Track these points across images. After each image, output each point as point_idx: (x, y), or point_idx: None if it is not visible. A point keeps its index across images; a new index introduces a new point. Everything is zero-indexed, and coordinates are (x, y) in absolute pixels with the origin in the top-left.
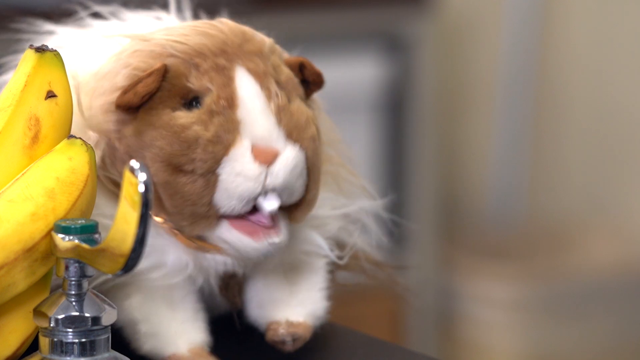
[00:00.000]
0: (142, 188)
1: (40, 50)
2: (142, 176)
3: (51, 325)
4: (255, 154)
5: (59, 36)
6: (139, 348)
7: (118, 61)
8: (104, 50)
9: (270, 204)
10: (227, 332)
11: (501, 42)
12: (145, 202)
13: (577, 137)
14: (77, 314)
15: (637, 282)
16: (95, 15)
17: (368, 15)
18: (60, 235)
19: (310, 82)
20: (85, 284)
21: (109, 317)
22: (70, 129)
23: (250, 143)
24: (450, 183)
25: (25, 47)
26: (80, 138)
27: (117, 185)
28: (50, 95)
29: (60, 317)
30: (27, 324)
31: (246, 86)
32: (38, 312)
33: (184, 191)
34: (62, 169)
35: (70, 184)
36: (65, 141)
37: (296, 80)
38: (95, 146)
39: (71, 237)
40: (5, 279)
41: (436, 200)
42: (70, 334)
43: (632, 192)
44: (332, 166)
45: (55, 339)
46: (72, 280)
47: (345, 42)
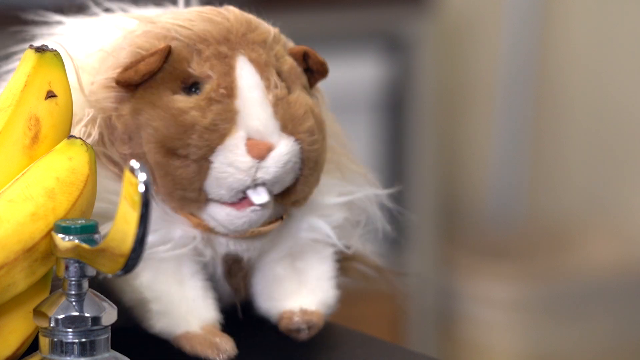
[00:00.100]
0: (142, 188)
1: (40, 50)
2: (142, 176)
3: (51, 325)
4: (249, 146)
5: (67, 25)
6: (150, 327)
7: (124, 40)
8: (109, 32)
9: (259, 197)
10: (232, 326)
11: (501, 42)
12: (145, 202)
13: (577, 137)
14: (77, 314)
15: (637, 282)
16: (106, 11)
17: (368, 15)
18: (60, 235)
19: (314, 71)
20: (85, 284)
21: (109, 317)
22: (70, 129)
23: (246, 134)
24: (450, 183)
25: (34, 36)
26: (80, 138)
27: (117, 165)
28: (50, 95)
29: (60, 317)
30: (27, 324)
31: (246, 76)
32: (38, 312)
33: (175, 174)
34: (62, 169)
35: (70, 184)
36: (65, 141)
37: (299, 70)
38: (93, 122)
39: (71, 237)
40: (5, 279)
41: (436, 201)
42: (70, 334)
43: (632, 192)
44: (335, 155)
45: (55, 339)
46: (72, 280)
47: (345, 42)
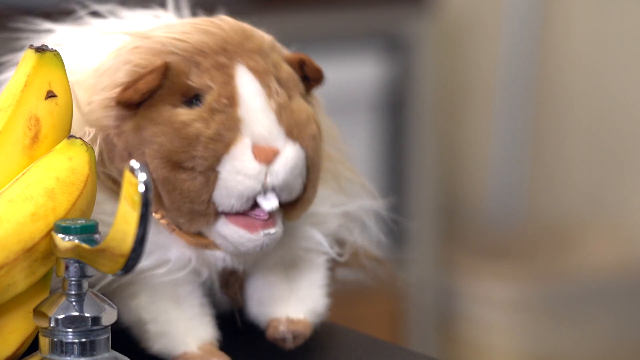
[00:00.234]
0: (142, 188)
1: (40, 50)
2: (142, 176)
3: (51, 325)
4: (256, 152)
5: (58, 34)
6: (148, 348)
7: (118, 57)
8: (103, 46)
9: (269, 203)
10: (229, 329)
11: (501, 42)
12: (145, 202)
13: (577, 137)
14: (77, 314)
15: (637, 282)
16: (93, 14)
17: (368, 15)
18: (60, 235)
19: (310, 78)
20: (85, 284)
21: (109, 317)
22: (70, 129)
23: (251, 141)
24: (450, 183)
25: (24, 46)
26: (80, 138)
27: (115, 182)
28: (50, 95)
29: (60, 317)
30: (27, 324)
31: (247, 84)
32: (38, 312)
33: (182, 188)
34: (62, 169)
35: (70, 184)
36: (65, 141)
37: (296, 77)
38: (92, 142)
39: (71, 237)
40: (5, 279)
41: (436, 200)
42: (70, 334)
43: (632, 192)
44: (331, 163)
45: (55, 339)
46: (72, 280)
47: (345, 42)
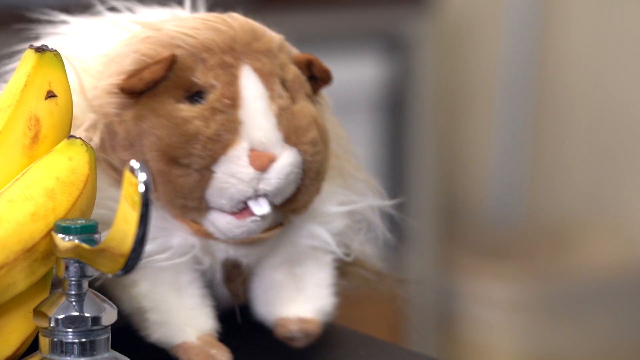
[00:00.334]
0: (142, 188)
1: (40, 50)
2: (142, 176)
3: (51, 325)
4: (252, 158)
5: (71, 25)
6: (148, 336)
7: (128, 46)
8: (114, 36)
9: (260, 208)
10: (230, 322)
11: (501, 42)
12: (145, 202)
13: (577, 137)
14: (77, 314)
15: (637, 282)
16: (111, 10)
17: (368, 15)
18: (60, 235)
19: (318, 79)
20: (85, 284)
21: (109, 317)
22: (70, 129)
23: (249, 145)
24: (450, 183)
25: (39, 35)
26: (80, 138)
27: (117, 171)
28: (50, 95)
29: (60, 317)
30: (27, 324)
31: (250, 86)
32: (38, 312)
33: (176, 183)
34: (62, 169)
35: (70, 184)
36: (65, 141)
37: (303, 78)
38: (95, 128)
39: (71, 237)
40: (5, 279)
41: (436, 200)
42: (70, 334)
43: (632, 192)
44: (337, 161)
45: (55, 339)
46: (72, 280)
47: (345, 42)
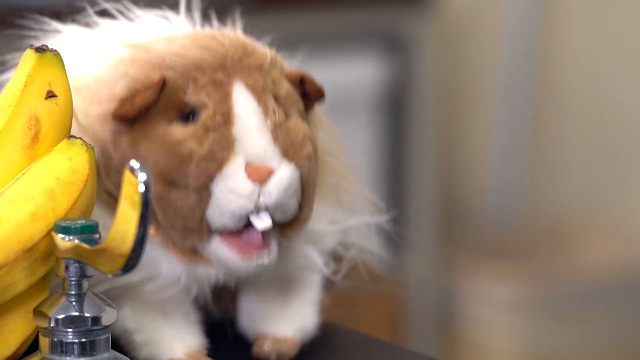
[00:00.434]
0: (142, 188)
1: (40, 50)
2: (142, 176)
3: (51, 325)
4: (249, 172)
5: (64, 36)
6: (135, 357)
7: (117, 69)
8: (106, 52)
9: (262, 223)
10: (221, 338)
11: (501, 42)
12: (145, 202)
13: (577, 137)
14: (77, 314)
15: (637, 282)
16: (103, 13)
17: (368, 15)
18: (60, 235)
19: (311, 96)
20: (85, 284)
21: (109, 317)
22: (70, 129)
23: (245, 160)
24: (450, 183)
25: (30, 45)
26: (80, 138)
27: (112, 196)
28: (50, 95)
29: (60, 317)
30: (27, 324)
31: (243, 102)
32: (38, 312)
33: (176, 205)
34: (62, 169)
35: (70, 184)
36: (65, 141)
37: (296, 95)
38: None
39: (71, 237)
40: (5, 279)
41: (436, 200)
42: (70, 334)
43: (632, 192)
44: (332, 177)
45: (55, 339)
46: (72, 280)
47: (345, 42)
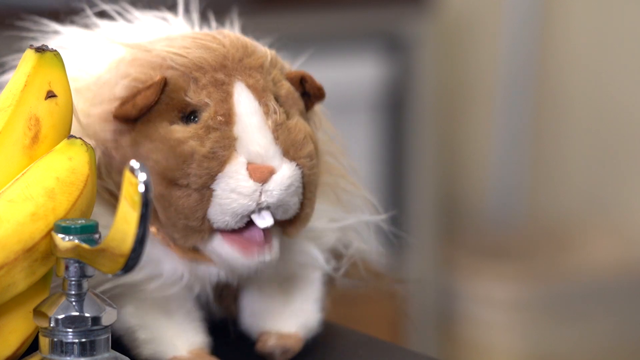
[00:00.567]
0: (142, 188)
1: (40, 50)
2: (142, 176)
3: (51, 325)
4: (251, 171)
5: (64, 37)
6: (138, 355)
7: (118, 70)
8: (106, 53)
9: (264, 221)
10: (224, 337)
11: (501, 42)
12: (145, 202)
13: (577, 137)
14: (77, 314)
15: (637, 282)
16: (101, 14)
17: (368, 15)
18: (60, 235)
19: (311, 95)
20: (85, 284)
21: (109, 317)
22: (70, 129)
23: (246, 160)
24: (450, 183)
25: (29, 46)
26: (80, 138)
27: (113, 195)
28: (50, 95)
29: (60, 317)
30: (27, 324)
31: (244, 102)
32: (38, 312)
33: (178, 205)
34: (62, 169)
35: (70, 184)
36: (65, 141)
37: (296, 95)
38: None
39: (71, 237)
40: (5, 279)
41: (436, 200)
42: (70, 334)
43: (632, 192)
44: (331, 177)
45: (55, 339)
46: (72, 280)
47: (345, 42)
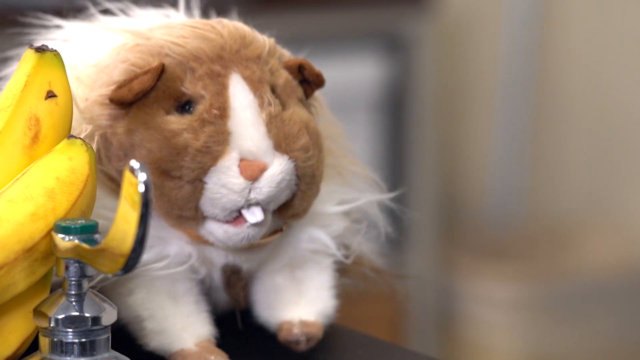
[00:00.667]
0: (142, 188)
1: (40, 50)
2: (142, 176)
3: (51, 325)
4: (242, 168)
5: (65, 30)
6: (145, 345)
7: (117, 55)
8: (106, 43)
9: (253, 217)
10: (230, 328)
11: (501, 42)
12: (145, 202)
13: (577, 137)
14: (77, 314)
15: (637, 282)
16: (105, 12)
17: (368, 15)
18: (60, 235)
19: (310, 82)
20: (85, 284)
21: (109, 317)
22: (70, 129)
23: (239, 155)
24: (450, 183)
25: (33, 41)
26: (80, 138)
27: (113, 181)
28: (50, 95)
29: (60, 317)
30: (27, 324)
31: (239, 95)
32: (38, 312)
33: (170, 195)
34: (62, 169)
35: (70, 184)
36: (65, 141)
37: (295, 83)
38: (90, 139)
39: (71, 237)
40: (5, 279)
41: (436, 201)
42: (70, 334)
43: (632, 192)
44: (333, 159)
45: (55, 339)
46: (72, 280)
47: (345, 42)
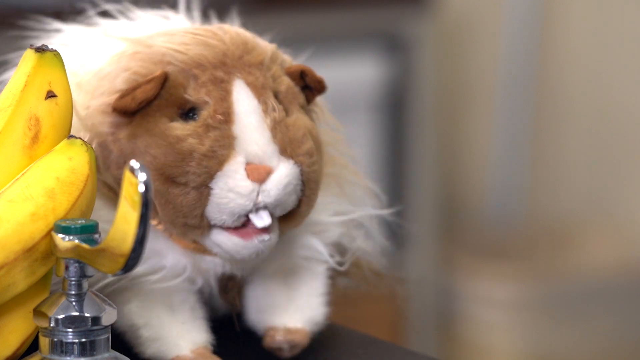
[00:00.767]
0: (142, 188)
1: (40, 50)
2: (142, 176)
3: (51, 325)
4: (249, 171)
5: (65, 34)
6: (142, 353)
7: (119, 63)
8: (107, 49)
9: (261, 221)
10: (227, 333)
11: (501, 42)
12: (145, 202)
13: (577, 137)
14: (77, 314)
15: (637, 282)
16: (104, 14)
17: (368, 15)
18: (60, 235)
19: (312, 88)
20: (85, 284)
21: (109, 317)
22: (70, 129)
23: (245, 159)
24: (450, 183)
25: (32, 45)
26: (80, 138)
27: (111, 189)
28: (50, 95)
29: (60, 317)
30: (27, 324)
31: (243, 100)
32: (38, 312)
33: (175, 202)
34: (62, 169)
35: (70, 184)
36: (65, 141)
37: (296, 90)
38: None
39: (71, 237)
40: (5, 279)
41: (436, 200)
42: (70, 334)
43: (632, 192)
44: (334, 168)
45: (55, 339)
46: (72, 280)
47: (345, 42)
